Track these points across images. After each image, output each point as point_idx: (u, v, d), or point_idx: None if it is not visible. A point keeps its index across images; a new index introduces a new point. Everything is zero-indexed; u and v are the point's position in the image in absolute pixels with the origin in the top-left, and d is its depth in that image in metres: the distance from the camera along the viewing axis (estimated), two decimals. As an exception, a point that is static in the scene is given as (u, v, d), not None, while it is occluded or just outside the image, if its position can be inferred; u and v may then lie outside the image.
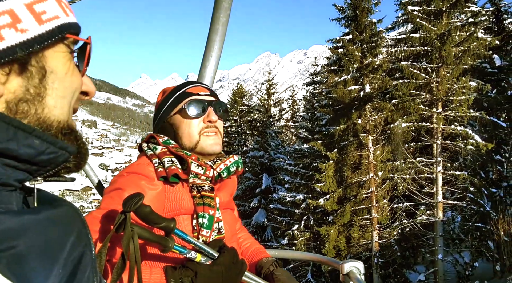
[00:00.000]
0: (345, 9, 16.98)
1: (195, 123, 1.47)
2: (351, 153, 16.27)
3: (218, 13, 2.00)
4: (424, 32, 15.68)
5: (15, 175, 0.52)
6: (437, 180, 16.11)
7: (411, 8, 15.93)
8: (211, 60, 2.08)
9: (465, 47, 15.10)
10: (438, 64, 15.50)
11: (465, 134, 15.35)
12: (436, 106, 15.88)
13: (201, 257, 1.22)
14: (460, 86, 15.16)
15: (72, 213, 0.58)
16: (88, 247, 0.58)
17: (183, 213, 1.38)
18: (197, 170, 1.41)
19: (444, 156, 16.41)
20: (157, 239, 1.14)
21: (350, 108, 16.25)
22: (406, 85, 15.56)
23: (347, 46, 16.34)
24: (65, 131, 0.57)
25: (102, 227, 1.24)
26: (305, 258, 2.74)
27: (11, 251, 0.43)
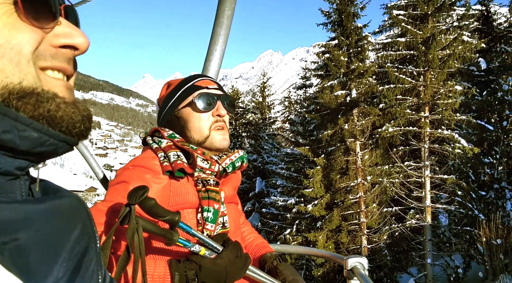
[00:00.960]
0: (331, 14, 16.94)
1: (204, 117, 1.47)
2: (338, 158, 16.26)
3: (223, 6, 1.98)
4: (410, 36, 15.64)
5: (15, 163, 0.50)
6: (425, 184, 16.08)
7: (396, 13, 15.89)
8: (215, 53, 2.07)
9: (450, 51, 15.05)
10: (424, 68, 15.46)
11: (452, 138, 15.30)
12: (423, 110, 15.84)
13: (205, 250, 1.22)
14: (446, 90, 15.11)
15: (77, 204, 0.57)
16: (93, 240, 0.57)
17: (187, 207, 1.38)
18: (202, 164, 1.41)
19: (432, 159, 16.37)
20: (161, 232, 1.14)
21: (337, 114, 16.23)
22: (393, 90, 15.53)
23: (332, 51, 16.30)
24: (18, 96, 0.49)
25: (107, 220, 1.24)
26: (309, 253, 2.78)
27: (14, 243, 0.42)
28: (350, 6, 16.63)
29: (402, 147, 16.77)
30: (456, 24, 14.92)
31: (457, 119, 15.42)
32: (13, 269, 0.40)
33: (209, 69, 2.08)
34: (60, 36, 0.55)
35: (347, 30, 16.42)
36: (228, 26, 2.02)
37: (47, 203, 0.50)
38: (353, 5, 16.73)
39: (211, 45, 2.06)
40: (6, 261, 0.40)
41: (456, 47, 14.85)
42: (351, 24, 16.40)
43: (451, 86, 14.96)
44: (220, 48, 2.05)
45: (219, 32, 2.02)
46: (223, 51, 2.08)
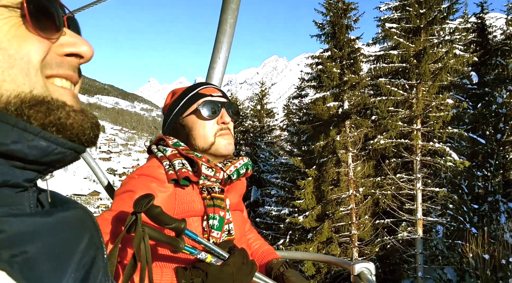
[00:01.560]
0: (325, 25, 17.02)
1: (209, 124, 1.48)
2: (330, 170, 16.27)
3: (226, 15, 2.00)
4: (402, 49, 15.67)
5: (23, 175, 0.51)
6: (416, 197, 16.04)
7: (389, 26, 15.93)
8: (219, 61, 2.08)
9: (442, 64, 15.07)
10: (416, 81, 15.48)
11: (443, 151, 15.28)
12: (416, 123, 15.84)
13: (212, 258, 1.22)
14: (438, 103, 15.12)
15: (84, 215, 0.57)
16: (100, 250, 0.57)
17: (193, 214, 1.38)
18: (207, 172, 1.41)
19: (424, 172, 16.33)
20: (168, 239, 1.14)
21: (329, 125, 16.26)
22: (385, 102, 15.55)
23: (325, 63, 16.36)
24: (30, 104, 0.50)
25: (113, 229, 1.24)
26: (316, 259, 2.75)
27: (23, 255, 0.43)
28: (344, 18, 16.72)
29: (395, 159, 16.75)
30: (448, 38, 14.93)
31: (449, 132, 15.39)
32: (23, 281, 0.41)
33: (212, 77, 2.09)
34: (65, 45, 0.57)
35: (340, 42, 16.50)
36: (231, 34, 2.04)
37: (56, 216, 0.51)
38: (346, 18, 16.83)
39: (214, 53, 2.08)
40: (16, 274, 0.41)
41: (447, 61, 14.86)
42: (344, 36, 16.49)
43: (442, 100, 14.97)
44: (223, 56, 2.07)
45: (222, 40, 2.04)
46: (227, 58, 2.10)
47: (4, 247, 0.41)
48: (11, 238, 0.43)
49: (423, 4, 15.65)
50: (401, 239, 16.29)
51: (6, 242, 0.42)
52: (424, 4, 15.65)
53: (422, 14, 15.55)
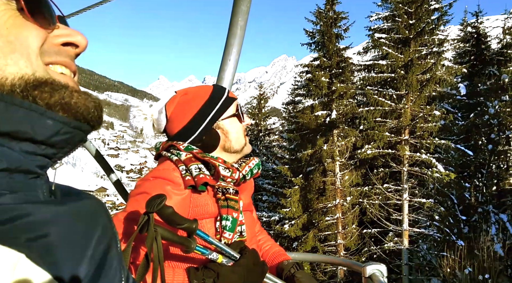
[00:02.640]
0: (315, 34, 17.02)
1: (241, 127, 1.54)
2: (317, 179, 16.29)
3: (236, 17, 2.02)
4: (391, 59, 15.63)
5: (35, 161, 0.52)
6: (403, 207, 15.99)
7: (378, 36, 15.91)
8: (229, 63, 2.10)
9: (430, 75, 15.01)
10: (405, 91, 15.43)
11: (429, 162, 15.21)
12: (403, 133, 15.80)
13: (223, 258, 1.23)
14: (425, 114, 15.07)
15: (97, 206, 0.58)
16: (114, 240, 0.58)
17: (207, 217, 1.39)
18: (224, 172, 1.43)
19: (412, 182, 16.27)
20: (179, 239, 1.15)
21: (317, 134, 16.28)
22: (372, 112, 15.53)
23: (313, 72, 16.37)
24: (34, 84, 0.53)
25: (127, 229, 1.26)
26: (327, 261, 2.74)
27: (42, 240, 0.44)
28: (334, 27, 16.71)
29: (382, 168, 16.71)
30: (435, 49, 14.87)
31: (436, 143, 15.31)
32: (42, 264, 0.42)
33: (223, 78, 2.11)
34: (61, 36, 0.60)
35: (329, 51, 16.49)
36: (242, 36, 2.06)
37: (70, 205, 0.52)
38: (336, 27, 16.82)
39: (225, 56, 2.10)
40: (35, 257, 0.42)
41: (434, 72, 14.80)
42: (334, 45, 16.48)
43: (430, 111, 14.91)
44: (233, 58, 2.09)
45: (232, 43, 2.06)
46: (237, 60, 2.12)
47: (23, 231, 0.42)
48: (30, 223, 0.43)
49: (413, 15, 15.59)
50: (387, 249, 16.25)
51: (25, 227, 0.43)
52: (413, 15, 15.59)
53: (412, 25, 15.50)
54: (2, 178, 0.48)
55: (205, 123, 1.50)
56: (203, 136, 1.50)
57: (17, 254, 0.40)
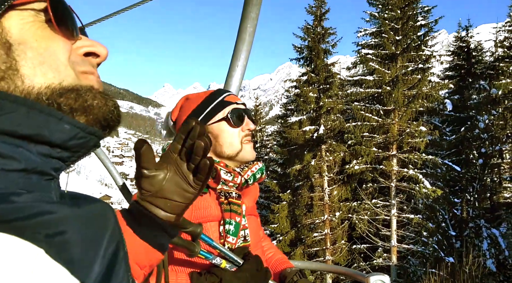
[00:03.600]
0: (303, 49, 17.12)
1: (236, 131, 1.49)
2: (305, 194, 16.28)
3: (245, 23, 2.03)
4: (378, 75, 15.68)
5: (50, 163, 0.54)
6: (391, 223, 15.92)
7: (365, 52, 15.97)
8: (237, 69, 2.10)
9: (416, 91, 15.03)
10: (392, 107, 15.45)
11: (416, 178, 15.17)
12: (391, 149, 15.78)
13: (226, 263, 1.22)
14: (412, 129, 15.07)
15: (107, 209, 0.60)
16: (121, 243, 0.59)
17: (210, 220, 1.38)
18: (226, 176, 1.43)
19: (400, 197, 16.22)
20: (184, 243, 1.14)
21: (305, 149, 16.30)
22: (360, 128, 15.56)
23: (301, 87, 16.45)
24: (59, 92, 0.56)
25: None
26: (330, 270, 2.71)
27: (60, 237, 0.45)
28: (322, 43, 16.80)
29: (371, 184, 16.67)
30: (421, 66, 14.90)
31: (423, 159, 15.27)
32: (60, 260, 0.43)
33: (231, 84, 2.11)
34: (83, 46, 0.64)
35: (317, 66, 16.56)
36: (250, 42, 2.08)
37: (83, 207, 0.54)
38: (325, 42, 16.90)
39: (233, 61, 2.10)
40: (53, 253, 0.43)
41: (420, 89, 14.83)
42: (322, 61, 16.56)
43: (416, 126, 14.91)
44: (241, 64, 2.10)
45: (241, 48, 2.07)
46: (245, 66, 2.12)
47: (43, 227, 0.44)
48: (49, 220, 0.45)
49: (399, 31, 15.66)
50: (376, 265, 16.15)
51: (45, 223, 0.44)
52: (400, 31, 15.66)
53: (398, 41, 15.56)
54: (20, 177, 0.50)
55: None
56: None
57: (36, 248, 0.41)
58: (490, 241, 19.42)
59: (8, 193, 0.46)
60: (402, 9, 15.65)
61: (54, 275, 0.41)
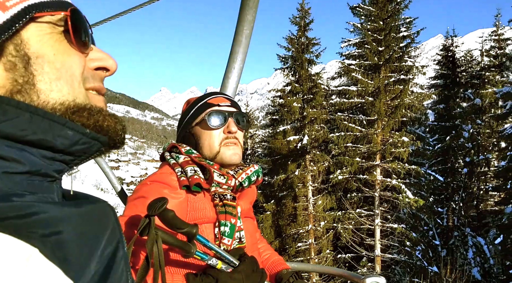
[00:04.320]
0: (287, 59, 17.19)
1: (215, 134, 1.49)
2: (289, 204, 16.30)
3: (242, 26, 2.05)
4: (361, 85, 15.77)
5: (53, 165, 0.55)
6: (375, 233, 15.95)
7: (348, 62, 16.06)
8: (233, 71, 2.12)
9: (398, 101, 15.12)
10: (375, 117, 15.53)
11: (399, 188, 15.23)
12: (375, 159, 15.84)
13: (222, 264, 1.22)
14: (395, 139, 15.14)
15: (107, 209, 0.59)
16: (121, 243, 0.59)
17: (205, 221, 1.38)
18: (219, 179, 1.43)
19: (385, 207, 16.26)
20: (179, 244, 1.14)
21: (289, 159, 16.34)
22: (344, 138, 15.62)
23: (285, 97, 16.51)
24: (73, 110, 0.57)
25: (126, 233, 1.25)
26: (326, 271, 2.76)
27: (55, 236, 0.45)
28: (306, 53, 16.88)
29: (355, 193, 16.72)
30: (403, 77, 15.01)
31: (406, 169, 15.33)
32: (54, 260, 0.43)
33: (227, 86, 2.13)
34: (95, 60, 0.64)
35: (301, 76, 16.63)
36: (247, 45, 2.10)
37: (84, 206, 0.53)
38: (309, 52, 16.98)
39: (229, 63, 2.12)
40: (48, 252, 0.43)
41: (402, 99, 14.93)
42: (306, 71, 16.63)
43: (399, 137, 14.99)
44: (238, 66, 2.11)
45: (237, 51, 2.09)
46: (241, 69, 2.14)
47: (39, 226, 0.44)
48: (45, 219, 0.45)
49: (382, 42, 15.76)
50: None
51: (40, 223, 0.44)
52: (383, 41, 15.76)
53: (381, 52, 15.66)
54: (24, 179, 0.50)
55: (180, 129, 1.57)
56: (180, 140, 1.56)
57: (31, 248, 0.41)
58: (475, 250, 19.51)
59: (11, 194, 0.46)
60: (385, 21, 15.77)
61: (47, 275, 0.42)
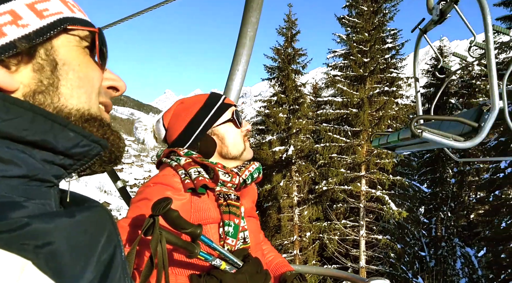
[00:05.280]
0: (274, 70, 17.25)
1: (239, 132, 1.54)
2: (274, 215, 16.32)
3: (245, 28, 2.08)
4: (346, 96, 15.79)
5: (52, 170, 0.55)
6: (360, 244, 15.93)
7: (334, 73, 16.09)
8: (237, 73, 2.14)
9: (383, 112, 15.14)
10: (360, 128, 15.54)
11: (383, 199, 15.22)
12: (360, 169, 15.84)
13: (226, 265, 1.21)
14: (379, 151, 15.14)
15: (103, 214, 0.59)
16: (118, 248, 0.59)
17: (210, 222, 1.37)
18: (224, 177, 1.44)
19: (370, 218, 16.26)
20: (183, 244, 1.14)
21: (275, 169, 16.37)
22: (329, 149, 15.63)
23: (270, 108, 16.56)
24: (86, 118, 0.59)
25: (130, 235, 1.26)
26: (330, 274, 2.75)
27: (48, 247, 0.44)
28: (293, 63, 16.93)
29: (341, 204, 16.72)
30: (386, 89, 15.03)
31: (391, 180, 15.32)
32: (48, 271, 0.43)
33: (231, 88, 2.14)
34: (109, 79, 0.68)
35: (287, 87, 16.68)
36: (250, 47, 2.12)
37: (78, 215, 0.53)
38: (295, 63, 17.03)
39: (233, 66, 2.13)
40: (41, 264, 0.42)
41: (386, 111, 14.94)
42: (292, 82, 16.67)
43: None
44: (242, 68, 2.13)
45: (241, 53, 2.11)
46: (245, 71, 2.16)
47: (30, 238, 0.43)
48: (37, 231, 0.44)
49: (368, 53, 15.79)
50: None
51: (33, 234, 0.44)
52: (368, 53, 15.79)
53: (366, 63, 15.68)
54: (20, 184, 0.50)
55: (198, 130, 1.52)
56: (197, 143, 1.52)
57: (23, 260, 0.41)
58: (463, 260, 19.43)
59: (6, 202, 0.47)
60: (370, 32, 15.80)
61: None
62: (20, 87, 0.54)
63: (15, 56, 0.53)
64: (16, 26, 0.53)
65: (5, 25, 0.52)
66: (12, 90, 0.53)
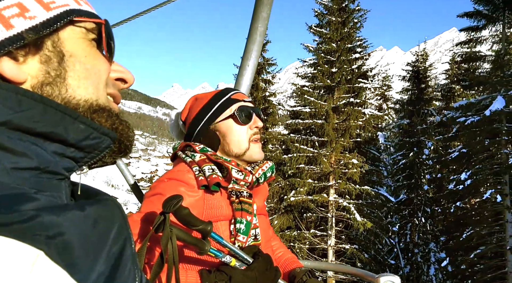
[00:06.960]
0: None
1: (244, 129, 1.49)
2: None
3: (256, 23, 2.07)
4: (314, 107, 15.81)
5: (63, 162, 0.55)
6: (328, 254, 16.03)
7: (302, 83, 16.12)
8: (248, 69, 2.13)
9: (348, 123, 15.18)
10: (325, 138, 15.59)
11: (349, 209, 15.29)
12: (328, 179, 15.91)
13: (236, 261, 1.22)
14: (345, 161, 15.22)
15: (114, 207, 0.59)
16: (128, 241, 0.59)
17: (221, 219, 1.38)
18: (237, 175, 1.43)
19: (340, 226, 16.34)
20: (194, 241, 1.16)
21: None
22: (296, 159, 15.70)
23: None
24: (95, 109, 0.59)
25: (142, 229, 1.27)
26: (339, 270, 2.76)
27: (60, 238, 0.44)
28: (262, 73, 16.98)
29: (311, 213, 16.82)
30: (352, 100, 15.03)
31: (358, 190, 15.40)
32: (59, 262, 0.43)
33: (241, 83, 2.13)
34: (116, 71, 0.68)
35: (256, 98, 16.74)
36: (261, 42, 2.12)
37: (88, 208, 0.52)
38: (266, 72, 17.08)
39: (243, 61, 2.13)
40: (53, 254, 0.42)
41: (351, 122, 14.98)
42: (260, 92, 16.72)
43: (349, 159, 15.05)
44: (252, 64, 2.13)
45: (252, 48, 2.10)
46: (255, 66, 2.16)
47: (42, 229, 0.43)
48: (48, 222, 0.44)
49: (336, 63, 15.77)
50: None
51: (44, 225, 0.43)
52: (336, 63, 15.77)
53: (334, 73, 15.68)
54: (32, 176, 0.50)
55: (200, 125, 1.52)
56: (200, 138, 1.52)
57: (36, 251, 0.41)
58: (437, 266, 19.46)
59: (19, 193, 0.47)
60: (338, 43, 15.77)
61: (53, 277, 0.41)
62: (28, 78, 0.54)
63: (23, 48, 0.54)
64: (23, 18, 0.54)
65: (13, 17, 0.53)
66: (20, 81, 0.54)
